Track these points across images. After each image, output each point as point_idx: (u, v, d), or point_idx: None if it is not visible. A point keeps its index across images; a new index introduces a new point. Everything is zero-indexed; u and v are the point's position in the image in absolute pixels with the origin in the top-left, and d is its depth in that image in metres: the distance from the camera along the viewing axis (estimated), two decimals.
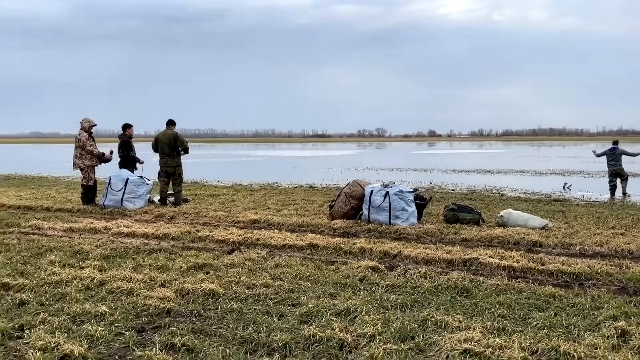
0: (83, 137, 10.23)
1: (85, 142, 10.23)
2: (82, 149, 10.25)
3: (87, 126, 10.32)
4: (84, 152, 10.26)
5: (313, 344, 3.69)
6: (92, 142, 10.36)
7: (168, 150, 10.39)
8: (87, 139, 10.24)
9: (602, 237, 7.24)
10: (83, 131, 10.29)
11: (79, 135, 10.30)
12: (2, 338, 3.80)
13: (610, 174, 14.75)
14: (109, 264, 5.83)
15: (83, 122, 10.37)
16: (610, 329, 3.90)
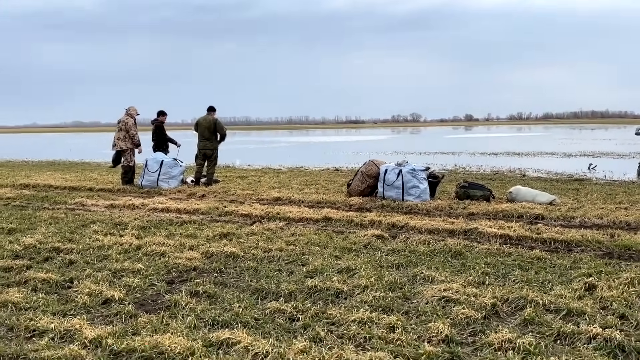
0: (130, 122, 11.11)
1: (131, 127, 11.09)
2: (126, 132, 11.11)
3: (133, 113, 11.20)
4: (127, 136, 11.12)
5: (314, 292, 4.31)
6: (136, 128, 11.22)
7: (208, 134, 11.13)
8: (133, 124, 11.11)
9: (604, 211, 7.57)
10: (130, 117, 11.15)
11: (125, 119, 11.17)
12: (55, 288, 4.56)
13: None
14: (145, 233, 6.59)
15: (130, 109, 11.28)
16: (580, 283, 4.37)
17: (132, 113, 11.23)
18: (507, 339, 3.30)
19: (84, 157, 26.47)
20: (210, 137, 11.17)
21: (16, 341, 3.45)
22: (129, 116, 11.19)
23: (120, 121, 11.31)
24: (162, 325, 3.65)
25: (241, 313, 3.84)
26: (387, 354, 3.15)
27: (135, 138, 11.21)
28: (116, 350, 3.27)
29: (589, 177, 13.85)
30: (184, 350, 3.20)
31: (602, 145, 32.63)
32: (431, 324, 3.56)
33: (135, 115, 11.29)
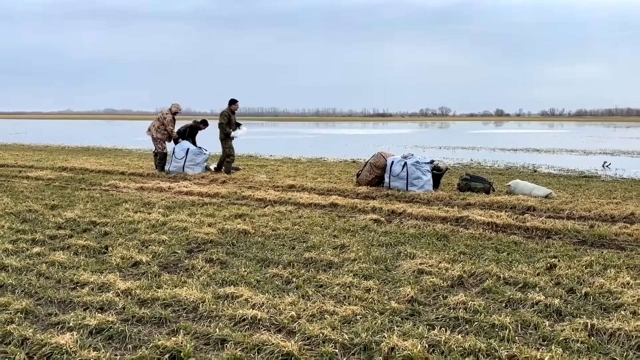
0: (169, 117, 12.01)
1: (169, 122, 11.99)
2: (162, 124, 12.00)
3: (174, 110, 12.10)
4: (162, 127, 12.01)
5: (310, 263, 5.04)
6: (173, 123, 12.11)
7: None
8: (170, 120, 12.00)
9: (594, 205, 8.08)
10: (170, 112, 12.05)
11: (165, 114, 12.07)
12: (93, 253, 5.41)
13: None
14: (170, 212, 7.43)
15: (173, 106, 12.21)
16: (542, 263, 5.00)
17: (173, 109, 12.12)
18: (461, 301, 3.98)
19: (116, 143, 27.74)
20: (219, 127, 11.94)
21: (63, 290, 4.28)
22: (169, 111, 12.07)
23: (161, 112, 12.23)
24: (180, 282, 4.44)
25: (246, 276, 4.60)
26: (360, 308, 3.86)
27: (172, 134, 12.08)
28: (142, 298, 4.06)
29: (598, 175, 14.20)
30: (196, 299, 3.97)
31: (626, 143, 32.39)
32: (401, 289, 4.26)
33: (174, 112, 12.14)
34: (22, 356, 3.13)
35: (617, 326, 3.53)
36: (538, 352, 3.18)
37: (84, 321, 3.57)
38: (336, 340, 3.33)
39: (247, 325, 3.60)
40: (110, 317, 3.65)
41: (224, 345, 3.30)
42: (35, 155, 17.15)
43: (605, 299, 4.12)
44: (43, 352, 3.18)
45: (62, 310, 3.88)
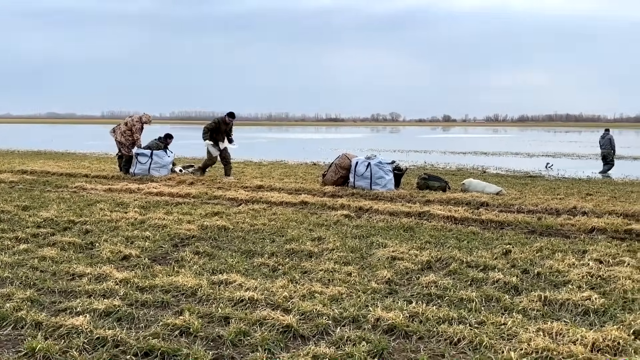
0: (138, 126, 12.05)
1: (137, 130, 12.05)
2: (129, 130, 12.03)
3: (145, 120, 12.16)
4: (128, 133, 12.04)
5: (292, 253, 5.44)
6: (140, 133, 12.15)
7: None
8: (139, 129, 12.05)
9: (540, 200, 8.87)
10: (140, 121, 12.10)
11: (134, 122, 12.10)
12: (80, 248, 5.60)
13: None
14: (146, 211, 7.63)
15: (144, 116, 12.29)
16: (499, 249, 5.60)
17: (144, 119, 12.18)
18: (432, 281, 4.49)
19: (67, 147, 27.08)
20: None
21: (62, 281, 4.50)
22: (139, 120, 12.12)
23: (132, 118, 12.24)
24: (173, 272, 4.74)
25: (234, 265, 4.95)
26: (344, 288, 4.30)
27: (138, 142, 12.11)
28: (141, 286, 4.34)
29: (542, 174, 15.27)
30: (194, 285, 4.30)
31: (566, 146, 34.49)
32: (379, 272, 4.74)
33: (144, 121, 12.19)
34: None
35: (566, 297, 4.13)
36: (502, 317, 3.71)
37: (91, 306, 3.84)
38: (328, 315, 3.74)
39: (245, 305, 3.96)
40: (115, 301, 3.92)
41: (228, 322, 3.65)
42: None
43: (554, 277, 4.73)
44: (60, 333, 3.43)
45: (66, 298, 4.11)
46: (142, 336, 3.39)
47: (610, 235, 6.45)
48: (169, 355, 3.19)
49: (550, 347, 3.20)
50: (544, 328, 3.51)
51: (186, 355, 3.17)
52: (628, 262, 5.12)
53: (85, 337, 3.36)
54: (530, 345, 3.24)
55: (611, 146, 16.96)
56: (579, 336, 3.36)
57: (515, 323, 3.62)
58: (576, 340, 3.32)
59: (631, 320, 3.66)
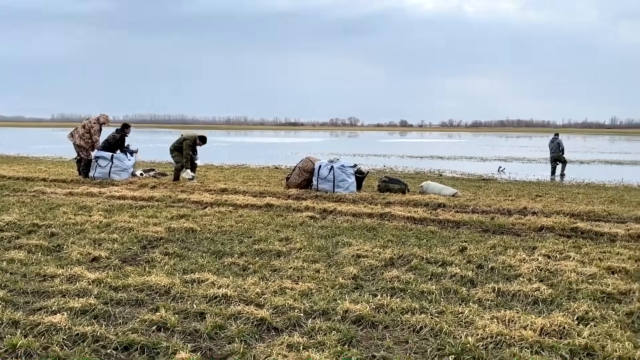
0: (96, 127, 11.87)
1: (95, 132, 11.86)
2: (87, 132, 11.85)
3: (102, 120, 11.97)
4: (87, 135, 11.86)
5: (261, 253, 5.62)
6: (99, 134, 11.98)
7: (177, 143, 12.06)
8: (97, 130, 11.88)
9: (493, 201, 9.36)
10: (97, 122, 11.91)
11: (92, 123, 11.91)
12: (48, 251, 5.60)
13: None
14: (110, 214, 7.63)
15: (101, 116, 12.07)
16: (456, 246, 5.95)
17: (102, 120, 12.01)
18: (395, 276, 4.77)
19: (18, 151, 26.21)
20: (176, 144, 12.07)
21: (33, 282, 4.53)
22: (97, 121, 11.96)
23: (89, 120, 12.05)
24: (145, 272, 4.84)
25: (205, 265, 5.09)
26: (313, 284, 4.52)
27: (97, 144, 11.94)
28: (114, 286, 4.43)
29: (495, 178, 15.97)
30: (167, 284, 4.42)
31: (517, 151, 35.91)
32: (345, 268, 4.98)
33: (102, 122, 12.03)
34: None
35: (517, 289, 4.48)
36: (460, 307, 4.02)
37: (67, 304, 3.91)
38: (299, 308, 3.96)
39: (219, 301, 4.12)
40: (91, 300, 4.01)
41: (204, 317, 3.81)
42: None
43: (507, 271, 5.10)
44: (39, 330, 3.50)
45: (40, 299, 4.15)
46: (121, 331, 3.51)
47: (558, 233, 6.93)
48: (148, 348, 3.33)
49: (504, 332, 3.52)
50: (497, 316, 3.83)
51: (166, 347, 3.31)
52: (573, 257, 5.57)
53: (65, 334, 3.45)
54: (485, 331, 3.55)
55: (560, 149, 17.96)
56: (528, 322, 3.70)
57: (472, 312, 3.93)
58: (526, 325, 3.66)
59: (575, 308, 4.03)
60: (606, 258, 5.58)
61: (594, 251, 5.89)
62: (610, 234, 6.78)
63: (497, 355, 3.25)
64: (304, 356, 3.16)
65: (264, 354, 3.22)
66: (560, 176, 16.84)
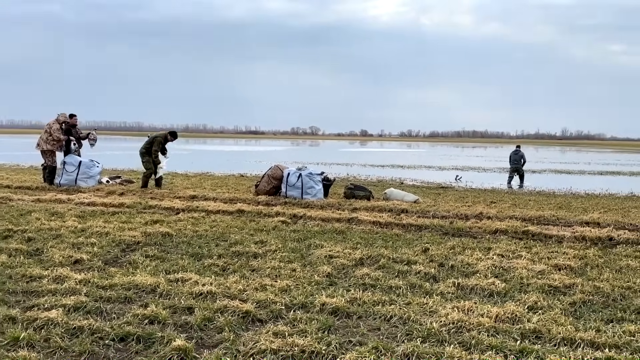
0: (55, 126, 11.81)
1: (55, 130, 11.78)
2: (49, 135, 11.80)
3: (62, 119, 11.91)
4: (50, 138, 11.81)
5: (238, 254, 5.93)
6: (61, 132, 11.90)
7: (147, 143, 12.03)
8: (57, 129, 11.82)
9: (451, 207, 9.95)
10: (57, 122, 11.86)
11: (52, 123, 11.85)
12: (28, 254, 5.73)
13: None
14: (84, 220, 7.75)
15: (60, 115, 11.97)
16: (419, 247, 6.43)
17: (60, 118, 11.97)
18: (365, 273, 5.18)
19: None
20: (146, 145, 12.03)
21: (21, 283, 4.70)
22: (56, 121, 11.92)
23: (48, 124, 12.00)
24: (129, 273, 5.07)
25: (186, 266, 5.37)
26: (291, 281, 4.88)
27: (59, 139, 11.87)
28: (102, 285, 4.66)
29: (453, 186, 16.72)
30: (152, 283, 4.67)
31: (473, 161, 37.27)
32: (319, 268, 5.36)
33: (62, 121, 11.99)
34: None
35: (475, 283, 4.97)
36: (424, 299, 4.47)
37: (59, 302, 4.13)
38: (280, 302, 4.30)
39: (205, 297, 4.42)
40: (82, 298, 4.24)
41: (192, 311, 4.10)
42: None
43: (465, 269, 5.60)
44: (37, 325, 3.72)
45: (30, 298, 4.34)
46: (117, 325, 3.77)
47: (511, 236, 7.53)
48: (143, 338, 3.60)
49: (464, 319, 3.98)
50: (458, 306, 4.29)
51: (160, 337, 3.59)
52: (524, 256, 6.13)
53: (62, 327, 3.68)
54: (447, 318, 3.99)
55: (522, 161, 19.04)
56: (485, 311, 4.17)
57: (435, 303, 4.38)
58: (483, 313, 4.13)
59: (526, 299, 4.54)
60: (554, 257, 6.17)
61: (543, 251, 6.48)
62: (558, 236, 7.43)
63: (458, 339, 3.69)
64: (289, 341, 3.51)
65: (252, 341, 3.55)
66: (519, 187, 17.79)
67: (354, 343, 3.62)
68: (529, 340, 3.71)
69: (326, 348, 3.47)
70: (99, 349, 3.46)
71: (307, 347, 3.45)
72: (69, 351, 3.41)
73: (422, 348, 3.48)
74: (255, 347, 3.47)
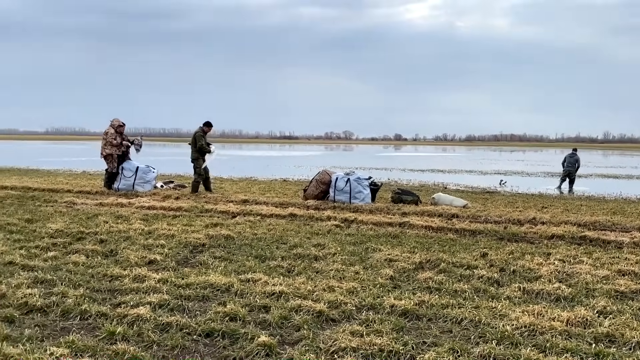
0: (110, 131, 12.34)
1: (110, 135, 12.28)
2: (107, 142, 12.34)
3: (115, 124, 12.42)
4: (107, 144, 12.34)
5: (299, 257, 6.12)
6: (117, 136, 12.38)
7: (191, 145, 12.34)
8: (112, 133, 12.33)
9: (502, 212, 9.91)
10: (112, 128, 12.38)
11: (106, 129, 12.38)
12: (104, 255, 6.07)
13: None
14: (148, 223, 8.11)
15: (113, 121, 12.48)
16: (477, 252, 6.48)
17: (114, 123, 12.48)
18: (428, 277, 5.28)
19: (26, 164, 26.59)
20: (192, 147, 12.34)
21: (103, 281, 5.00)
22: (110, 127, 12.45)
23: (104, 132, 12.54)
24: (202, 273, 5.32)
25: (253, 267, 5.58)
26: (356, 283, 5.03)
27: (114, 142, 12.32)
28: (179, 284, 4.91)
29: (498, 190, 16.55)
30: (226, 282, 4.90)
31: (515, 165, 36.63)
32: (381, 270, 5.49)
33: (117, 127, 12.49)
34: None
35: (540, 288, 5.01)
36: (492, 303, 4.54)
37: (144, 299, 4.39)
38: (350, 303, 4.45)
39: (278, 297, 4.61)
40: (165, 296, 4.49)
41: (268, 310, 4.29)
42: None
43: (527, 274, 5.62)
44: (128, 320, 3.98)
45: (115, 295, 4.63)
46: (202, 321, 3.99)
47: (568, 241, 7.47)
48: (228, 334, 3.81)
49: (535, 322, 4.04)
50: (527, 310, 4.35)
51: (244, 333, 3.80)
52: (586, 261, 6.10)
53: (152, 323, 3.93)
54: (519, 321, 4.06)
55: (577, 165, 18.71)
56: (555, 315, 4.21)
57: (504, 307, 4.44)
58: (554, 317, 4.17)
59: (594, 304, 4.55)
60: (616, 262, 6.12)
61: (604, 256, 6.43)
62: (617, 242, 7.33)
63: (532, 341, 3.76)
64: (367, 340, 3.66)
65: (331, 339, 3.71)
66: (568, 191, 17.46)
67: (429, 344, 3.73)
68: (603, 344, 3.75)
69: (403, 348, 3.60)
70: (189, 344, 3.69)
71: (385, 346, 3.59)
72: (162, 345, 3.65)
73: (498, 350, 3.57)
74: (335, 344, 3.63)
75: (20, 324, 3.95)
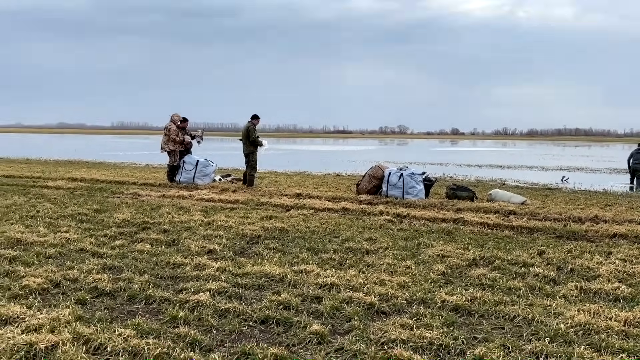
0: (172, 127, 12.86)
1: (172, 131, 12.81)
2: (168, 137, 12.88)
3: (176, 120, 12.94)
4: (170, 139, 12.87)
5: (351, 250, 6.22)
6: (179, 132, 12.89)
7: (243, 139, 12.75)
8: (175, 130, 12.86)
9: (563, 209, 9.59)
10: (173, 123, 12.90)
11: (168, 126, 12.91)
12: (167, 244, 6.41)
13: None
14: (208, 214, 8.45)
15: (173, 116, 13.00)
16: (534, 250, 6.35)
17: (176, 119, 13.00)
18: (481, 274, 5.25)
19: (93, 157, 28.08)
20: (245, 141, 12.78)
21: (166, 269, 5.30)
22: (172, 122, 12.97)
23: (165, 127, 13.09)
24: (257, 263, 5.53)
25: (306, 259, 5.74)
26: (408, 278, 5.07)
27: (177, 139, 12.83)
28: (236, 273, 5.14)
29: (560, 187, 15.95)
30: (280, 273, 5.08)
31: (579, 161, 35.08)
32: (434, 266, 5.51)
33: (178, 121, 12.99)
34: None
35: (598, 287, 4.88)
36: (547, 301, 4.47)
37: (204, 286, 4.64)
38: (400, 296, 4.52)
39: (329, 288, 4.74)
40: (223, 284, 4.72)
41: (320, 300, 4.43)
42: (34, 168, 17.65)
43: (586, 273, 5.47)
44: (189, 305, 4.23)
45: (177, 282, 4.91)
46: (257, 308, 4.18)
47: (632, 240, 7.17)
48: (282, 322, 3.97)
49: (591, 321, 3.96)
50: (583, 309, 4.26)
51: (297, 322, 3.95)
52: None
53: (211, 309, 4.16)
54: (574, 320, 3.99)
55: None
56: (613, 314, 4.11)
57: (559, 305, 4.37)
58: (611, 317, 4.07)
59: None
60: None
61: None
62: None
63: (587, 340, 3.69)
64: (417, 333, 3.71)
65: (382, 330, 3.80)
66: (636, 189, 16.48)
67: (480, 340, 3.75)
68: None
69: (454, 342, 3.64)
70: (246, 329, 3.88)
71: (435, 340, 3.64)
72: (221, 330, 3.85)
73: (551, 347, 3.54)
74: (385, 336, 3.71)
75: (91, 306, 4.28)
